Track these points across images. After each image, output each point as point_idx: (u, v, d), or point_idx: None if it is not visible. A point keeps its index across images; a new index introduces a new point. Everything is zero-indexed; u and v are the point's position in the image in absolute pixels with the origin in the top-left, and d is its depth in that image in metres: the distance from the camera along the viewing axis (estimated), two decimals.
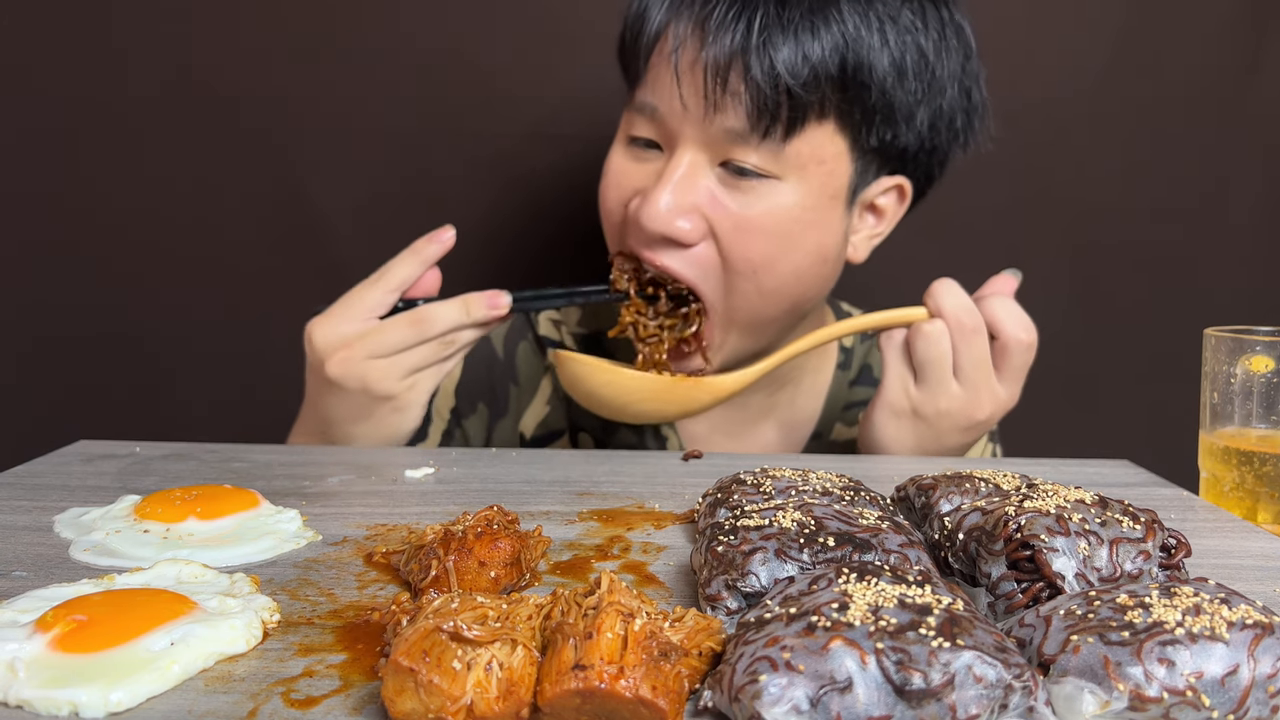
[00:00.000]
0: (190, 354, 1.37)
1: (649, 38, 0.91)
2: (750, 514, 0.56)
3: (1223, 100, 1.35)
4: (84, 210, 1.34)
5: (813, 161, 0.90)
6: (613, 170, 0.97)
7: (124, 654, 0.44)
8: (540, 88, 1.31)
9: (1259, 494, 0.79)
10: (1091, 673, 0.40)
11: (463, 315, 0.89)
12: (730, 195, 0.90)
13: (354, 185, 1.34)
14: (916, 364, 0.90)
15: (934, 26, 0.92)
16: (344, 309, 0.89)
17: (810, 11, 0.86)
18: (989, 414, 0.90)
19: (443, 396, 1.10)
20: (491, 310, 0.89)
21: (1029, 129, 1.34)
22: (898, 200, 1.00)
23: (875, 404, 0.93)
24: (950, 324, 0.88)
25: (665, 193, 0.89)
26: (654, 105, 0.91)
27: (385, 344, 0.87)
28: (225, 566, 0.59)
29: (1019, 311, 0.90)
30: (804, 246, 0.92)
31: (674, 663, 0.41)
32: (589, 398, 0.92)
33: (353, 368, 0.87)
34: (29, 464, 0.80)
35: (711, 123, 0.88)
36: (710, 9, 0.86)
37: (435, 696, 0.39)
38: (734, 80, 0.86)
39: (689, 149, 0.90)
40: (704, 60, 0.86)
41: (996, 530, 0.53)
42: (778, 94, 0.86)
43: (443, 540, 0.55)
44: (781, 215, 0.90)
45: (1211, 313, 0.94)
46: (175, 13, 1.29)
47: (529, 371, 1.14)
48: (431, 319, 0.88)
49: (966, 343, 0.89)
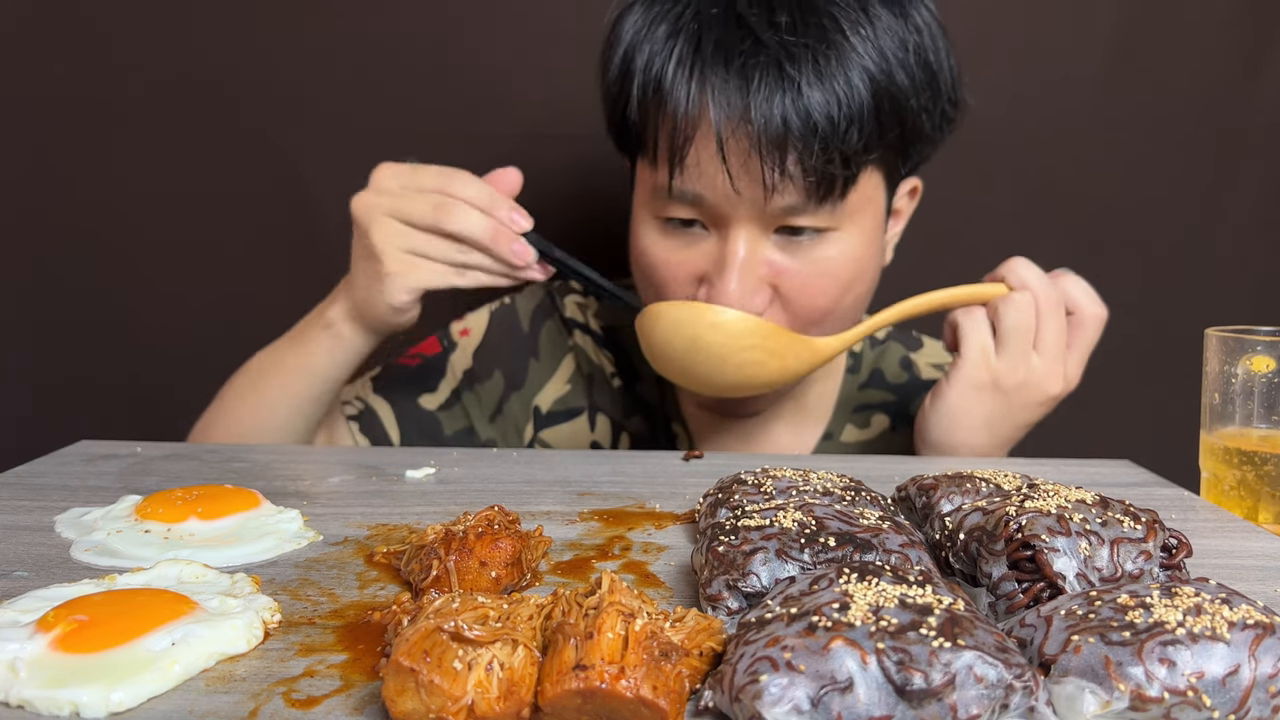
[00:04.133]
0: (191, 354, 1.37)
1: (683, 126, 0.86)
2: (751, 514, 0.56)
3: (1223, 100, 1.35)
4: (85, 210, 1.34)
5: (863, 205, 0.91)
6: (660, 257, 0.93)
7: (125, 654, 0.44)
8: (541, 88, 1.31)
9: (1260, 494, 0.79)
10: (1092, 673, 0.40)
11: (485, 234, 0.86)
12: (790, 258, 0.90)
13: (355, 186, 1.34)
14: (1001, 333, 0.89)
15: (923, 31, 0.91)
16: (407, 172, 0.89)
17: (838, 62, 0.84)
18: (1060, 390, 0.91)
19: (459, 355, 1.09)
20: (513, 250, 0.87)
21: (1029, 129, 1.34)
22: (910, 199, 1.03)
23: (952, 377, 0.91)
24: (1039, 297, 0.89)
25: (734, 281, 0.87)
26: (698, 193, 0.88)
27: (404, 210, 0.87)
28: (226, 566, 0.59)
29: (1090, 289, 0.92)
30: (865, 279, 0.95)
31: (675, 663, 0.41)
32: (693, 344, 0.88)
33: (369, 212, 0.88)
34: (30, 464, 0.80)
35: (769, 203, 0.86)
36: (752, 93, 0.83)
37: (436, 696, 0.39)
38: (790, 162, 0.84)
39: (743, 228, 0.88)
40: (757, 148, 0.83)
41: (997, 530, 0.53)
42: (834, 165, 0.85)
43: (444, 540, 0.55)
44: (844, 261, 0.91)
45: (1211, 313, 0.94)
46: (176, 12, 1.29)
47: (551, 349, 1.13)
48: (452, 213, 0.86)
49: (1049, 315, 0.89)
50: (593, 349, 1.14)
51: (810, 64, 0.83)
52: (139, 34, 1.29)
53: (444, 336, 1.10)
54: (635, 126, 0.91)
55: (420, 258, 0.87)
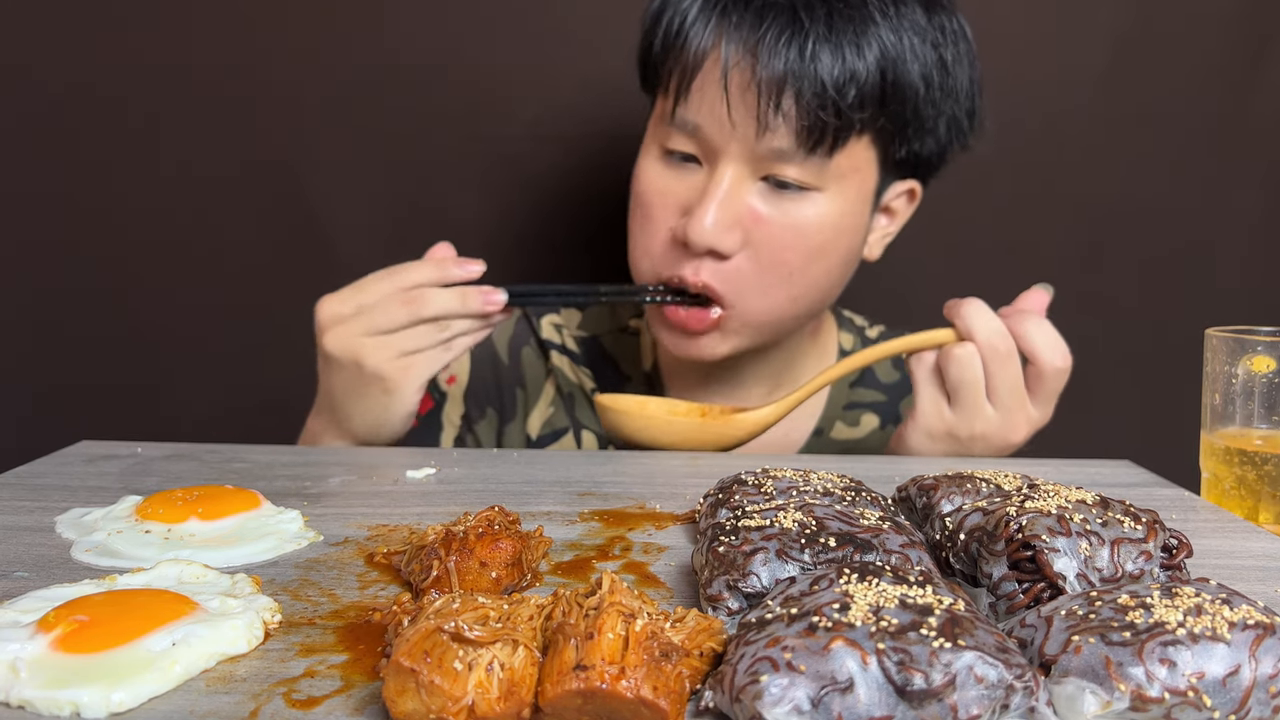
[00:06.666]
0: (191, 354, 1.37)
1: (693, 57, 0.91)
2: (751, 514, 0.56)
3: (1224, 99, 1.35)
4: (85, 210, 1.34)
5: (850, 173, 0.93)
6: (651, 184, 0.97)
7: (125, 654, 0.44)
8: (540, 88, 1.31)
9: (1260, 494, 0.79)
10: (1093, 673, 0.40)
11: (457, 303, 0.89)
12: (771, 207, 0.93)
13: (355, 185, 1.35)
14: (950, 387, 0.88)
15: (949, 37, 0.94)
16: (352, 291, 0.90)
17: (854, 29, 0.88)
18: (1024, 435, 0.90)
19: (452, 404, 1.11)
20: (486, 304, 0.89)
21: (1030, 128, 1.34)
22: (908, 202, 1.04)
23: (909, 425, 0.92)
24: (982, 349, 0.86)
25: (712, 209, 0.91)
26: (697, 123, 0.92)
27: (379, 322, 0.88)
28: (227, 567, 0.59)
29: (1053, 335, 0.88)
30: (838, 252, 0.96)
31: (675, 663, 0.41)
32: (629, 441, 0.94)
33: (348, 342, 0.88)
34: (31, 464, 0.80)
35: (760, 141, 0.89)
36: (763, 32, 0.87)
37: (436, 697, 0.39)
38: (786, 102, 0.87)
39: (732, 164, 0.92)
40: (757, 82, 0.87)
41: (998, 530, 0.53)
42: (827, 113, 0.87)
43: (444, 541, 0.55)
44: (821, 225, 0.93)
45: (1211, 313, 0.94)
46: (177, 12, 1.29)
47: (533, 374, 1.15)
48: (424, 300, 0.88)
49: (999, 367, 0.87)
50: (569, 368, 1.15)
51: (825, 19, 0.87)
52: (139, 34, 1.30)
53: (434, 390, 1.12)
54: (657, 58, 0.95)
55: (412, 355, 0.89)
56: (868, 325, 1.20)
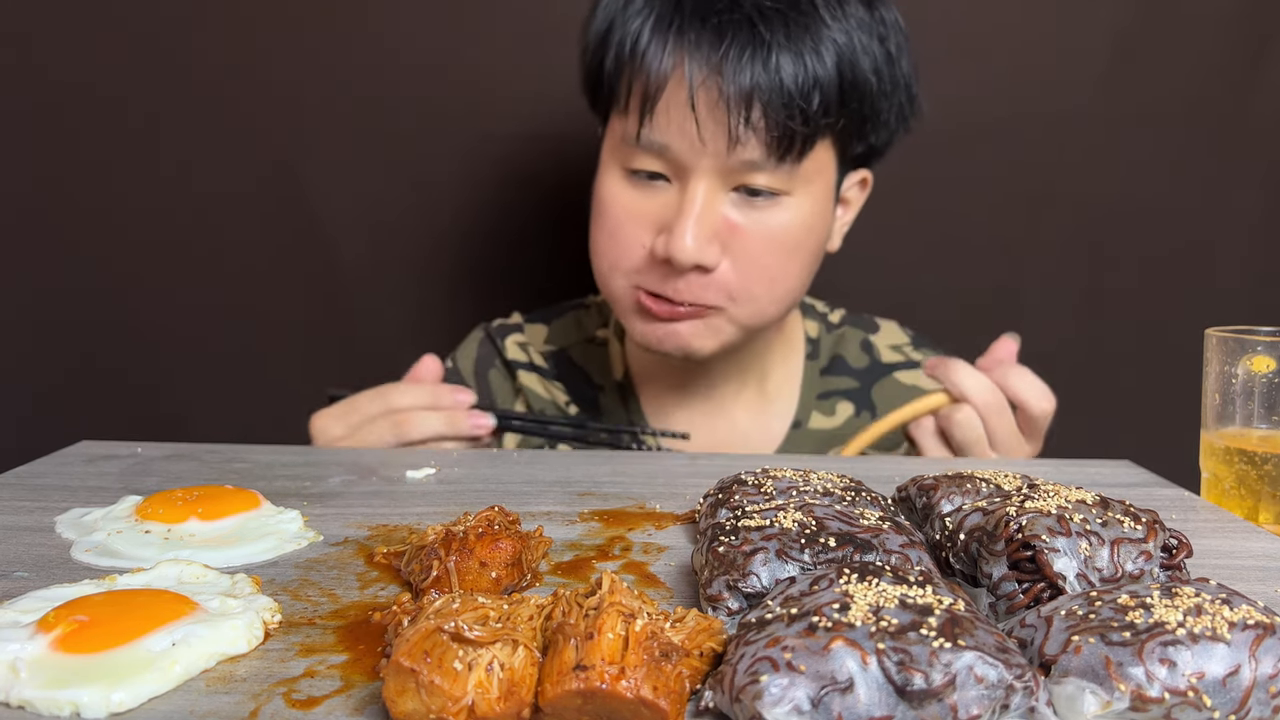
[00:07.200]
0: (191, 354, 1.37)
1: (655, 78, 0.91)
2: (751, 514, 0.56)
3: (1224, 99, 1.35)
4: (85, 210, 1.34)
5: (815, 174, 0.95)
6: (619, 203, 0.98)
7: (125, 654, 0.44)
8: (540, 88, 1.31)
9: (1260, 494, 0.79)
10: (1093, 673, 0.40)
11: (446, 428, 0.92)
12: (745, 216, 0.94)
13: (354, 185, 1.35)
14: (956, 446, 0.94)
15: (890, 28, 0.96)
16: (343, 412, 0.93)
17: (810, 35, 0.89)
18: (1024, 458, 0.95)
19: None
20: (475, 429, 0.93)
21: (1030, 129, 1.34)
22: (860, 190, 1.06)
23: None
24: (979, 408, 0.92)
25: (689, 230, 0.92)
26: (665, 143, 0.92)
27: (369, 443, 0.92)
28: (226, 567, 0.59)
29: (1035, 382, 0.93)
30: (810, 250, 0.99)
31: (675, 663, 0.41)
32: None
33: None
34: (31, 464, 0.80)
35: (731, 155, 0.90)
36: (725, 48, 0.88)
37: (436, 697, 0.39)
38: (755, 114, 0.88)
39: (704, 179, 0.93)
40: (725, 99, 0.88)
41: (998, 530, 0.53)
42: (795, 121, 0.89)
43: (444, 541, 0.55)
44: (794, 227, 0.95)
45: (1211, 313, 0.94)
46: (177, 12, 1.29)
47: (502, 396, 1.17)
48: (412, 423, 0.91)
49: (997, 421, 0.92)
50: (540, 385, 1.16)
51: (782, 28, 0.89)
52: (139, 34, 1.29)
53: None
54: (610, 79, 0.96)
55: None
56: (829, 310, 1.22)
